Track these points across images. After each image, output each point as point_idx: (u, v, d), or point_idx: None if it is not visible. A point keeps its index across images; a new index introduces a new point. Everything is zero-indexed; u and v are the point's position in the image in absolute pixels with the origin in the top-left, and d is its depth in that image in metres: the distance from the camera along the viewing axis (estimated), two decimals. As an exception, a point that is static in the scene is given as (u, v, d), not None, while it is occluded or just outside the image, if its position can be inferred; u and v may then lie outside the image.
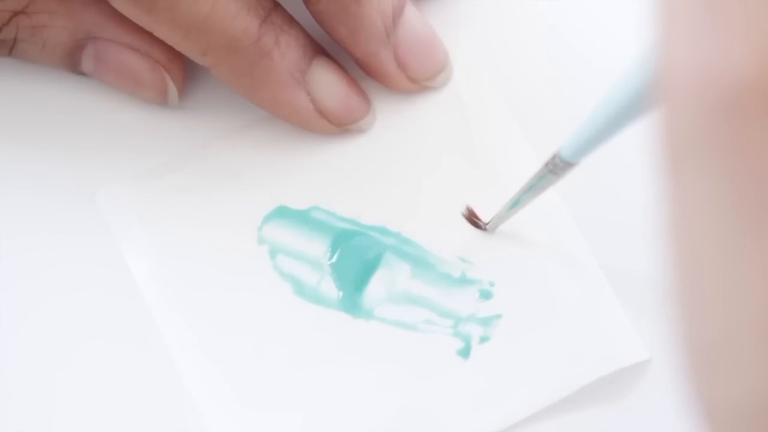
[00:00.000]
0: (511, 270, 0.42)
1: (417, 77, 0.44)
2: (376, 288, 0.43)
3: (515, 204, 0.41)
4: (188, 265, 0.43)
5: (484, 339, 0.42)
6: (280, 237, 0.43)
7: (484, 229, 0.42)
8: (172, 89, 0.43)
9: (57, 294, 0.43)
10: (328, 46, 0.44)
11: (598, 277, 0.42)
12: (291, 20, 0.42)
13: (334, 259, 0.43)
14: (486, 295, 0.42)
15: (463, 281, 0.42)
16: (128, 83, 0.43)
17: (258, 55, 0.41)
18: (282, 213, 0.44)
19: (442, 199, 0.43)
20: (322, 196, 0.44)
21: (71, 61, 0.43)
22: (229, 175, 0.44)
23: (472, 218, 0.42)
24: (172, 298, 0.42)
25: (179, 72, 0.43)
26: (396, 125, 0.44)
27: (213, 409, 0.41)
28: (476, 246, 0.43)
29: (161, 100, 0.44)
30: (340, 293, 0.43)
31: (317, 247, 0.43)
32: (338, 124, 0.43)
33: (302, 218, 0.43)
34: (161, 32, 0.41)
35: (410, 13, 0.43)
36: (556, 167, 0.38)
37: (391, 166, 0.44)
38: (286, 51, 0.42)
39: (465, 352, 0.42)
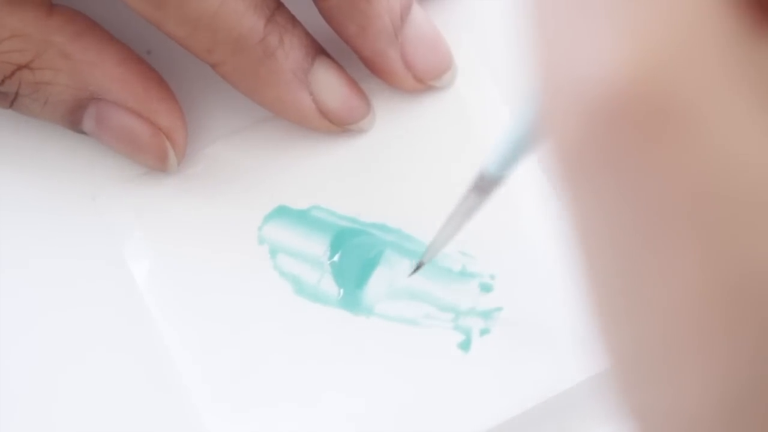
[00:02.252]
0: (511, 263, 0.42)
1: (424, 77, 0.43)
2: (376, 285, 0.42)
3: (447, 232, 0.39)
4: (189, 266, 0.43)
5: (484, 332, 0.41)
6: (280, 236, 0.43)
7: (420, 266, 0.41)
8: (172, 156, 0.43)
9: (57, 295, 0.43)
10: (330, 49, 0.44)
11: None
12: (294, 20, 0.42)
13: (334, 258, 0.43)
14: (486, 288, 0.42)
15: (464, 275, 0.42)
16: (128, 147, 0.43)
17: (263, 54, 0.41)
18: (282, 212, 0.43)
19: (442, 195, 0.43)
20: (322, 195, 0.43)
21: (72, 119, 0.42)
22: (229, 175, 0.44)
23: None
24: (173, 298, 0.42)
25: (181, 139, 0.43)
26: (395, 124, 0.44)
27: (214, 409, 0.41)
28: (477, 239, 0.42)
29: (160, 166, 0.43)
30: (341, 291, 0.42)
31: (317, 246, 0.43)
32: (339, 124, 0.43)
33: (302, 217, 0.43)
34: (169, 28, 0.40)
35: (416, 12, 0.43)
36: (485, 184, 0.36)
37: (391, 164, 0.44)
38: (290, 51, 0.42)
39: (465, 345, 0.41)
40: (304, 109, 0.42)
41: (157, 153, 0.43)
